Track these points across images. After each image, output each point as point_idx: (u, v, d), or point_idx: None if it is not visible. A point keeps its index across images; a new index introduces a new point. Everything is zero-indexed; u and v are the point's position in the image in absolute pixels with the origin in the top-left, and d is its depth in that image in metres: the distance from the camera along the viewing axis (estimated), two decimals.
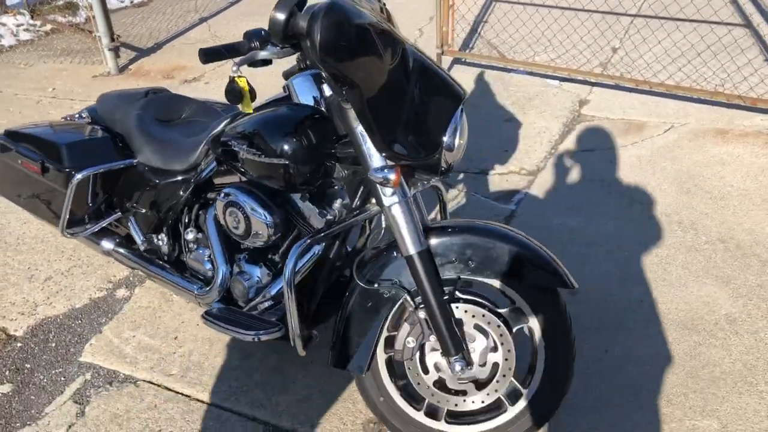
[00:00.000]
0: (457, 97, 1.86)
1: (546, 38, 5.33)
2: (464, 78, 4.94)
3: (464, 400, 2.00)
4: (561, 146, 3.93)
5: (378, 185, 1.83)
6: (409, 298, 1.91)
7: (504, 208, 3.34)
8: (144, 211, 2.52)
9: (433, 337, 1.91)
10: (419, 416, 2.04)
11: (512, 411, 2.00)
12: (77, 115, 2.73)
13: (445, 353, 1.91)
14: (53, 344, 2.64)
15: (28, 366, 2.54)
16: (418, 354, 1.99)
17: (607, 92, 4.60)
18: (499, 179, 3.62)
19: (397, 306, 1.96)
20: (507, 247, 1.88)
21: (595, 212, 3.26)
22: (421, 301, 1.88)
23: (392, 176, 1.78)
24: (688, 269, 2.83)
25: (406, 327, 1.97)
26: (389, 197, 1.85)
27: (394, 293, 1.94)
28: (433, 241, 1.90)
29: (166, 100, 2.63)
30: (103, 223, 2.61)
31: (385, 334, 2.01)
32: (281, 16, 1.61)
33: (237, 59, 1.67)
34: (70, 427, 2.26)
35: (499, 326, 1.94)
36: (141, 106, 2.55)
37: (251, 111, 1.70)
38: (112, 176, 2.57)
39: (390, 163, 1.81)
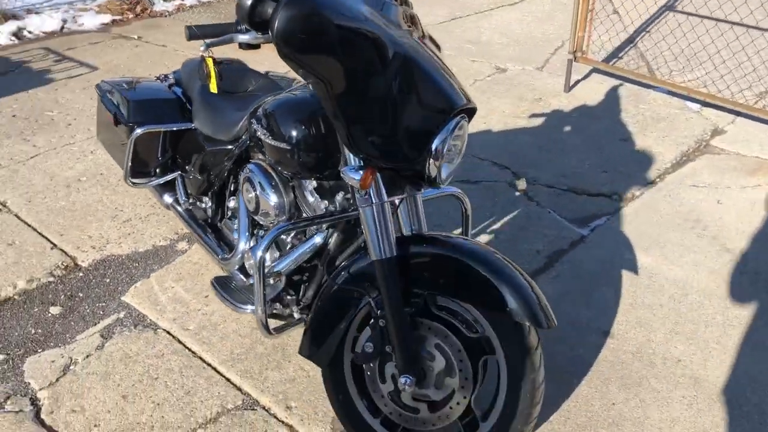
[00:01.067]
0: (452, 106, 1.76)
1: (706, 54, 4.84)
2: (595, 88, 4.65)
3: (415, 419, 1.93)
4: (669, 176, 3.58)
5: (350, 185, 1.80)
6: (372, 304, 1.87)
7: (574, 232, 3.13)
8: (195, 173, 2.68)
9: (389, 347, 1.86)
10: (375, 424, 2.00)
11: None
12: (164, 76, 2.94)
13: (397, 365, 1.86)
14: (107, 280, 2.90)
15: (81, 295, 2.82)
16: (378, 361, 1.94)
17: (752, 125, 4.11)
18: (585, 201, 3.38)
19: (362, 308, 1.93)
20: (482, 271, 1.77)
21: (675, 254, 2.95)
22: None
23: (358, 177, 1.74)
24: (751, 340, 2.49)
25: (367, 331, 1.93)
26: (362, 198, 1.81)
27: (360, 295, 1.90)
28: (408, 251, 1.84)
29: (235, 72, 2.75)
30: (161, 180, 2.80)
31: (354, 333, 1.98)
32: (248, 1, 1.62)
33: (208, 40, 1.71)
34: (87, 356, 2.48)
35: (459, 351, 1.84)
36: None
37: (215, 91, 1.74)
38: (175, 137, 2.75)
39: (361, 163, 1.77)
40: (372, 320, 1.91)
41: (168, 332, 2.58)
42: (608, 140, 3.97)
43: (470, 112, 1.88)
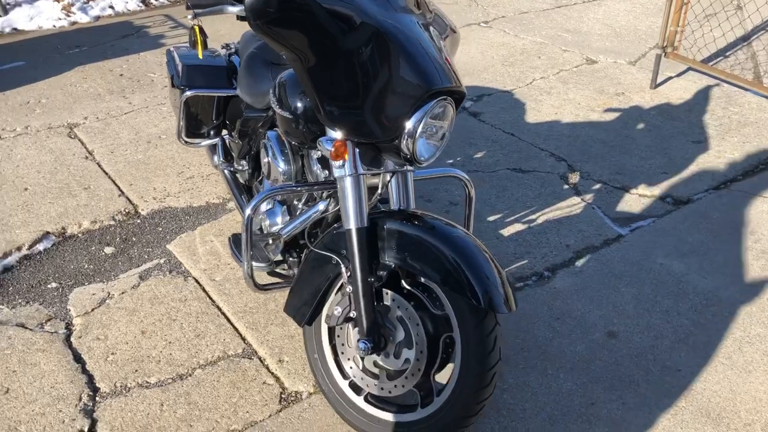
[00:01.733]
0: (429, 86, 1.80)
1: None
2: (685, 86, 4.42)
3: (375, 384, 2.01)
4: (735, 185, 3.38)
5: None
6: (344, 270, 1.97)
7: (612, 230, 3.05)
8: (236, 138, 2.87)
9: (354, 313, 1.95)
10: (344, 384, 2.10)
11: (421, 413, 1.96)
12: (227, 45, 3.15)
13: (359, 331, 1.94)
14: (159, 229, 3.17)
15: (133, 239, 3.11)
16: (349, 325, 2.04)
17: None
18: (635, 201, 3.27)
19: (338, 274, 2.02)
20: (446, 251, 1.82)
21: (712, 264, 2.81)
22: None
23: (330, 148, 1.84)
24: (765, 361, 2.36)
25: (339, 296, 2.02)
26: (337, 169, 1.90)
27: (336, 262, 2.00)
28: (382, 225, 1.92)
29: None
30: (206, 142, 3.02)
31: (331, 297, 2.09)
32: None
33: (196, 10, 1.85)
34: (122, 293, 2.75)
35: (418, 325, 1.90)
36: (259, 46, 2.86)
37: (201, 57, 1.88)
38: (225, 102, 2.96)
39: (339, 135, 1.86)
40: (343, 285, 2.01)
41: (196, 281, 2.80)
42: (680, 141, 3.79)
43: (458, 97, 1.92)
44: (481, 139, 3.89)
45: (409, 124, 1.80)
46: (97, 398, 2.26)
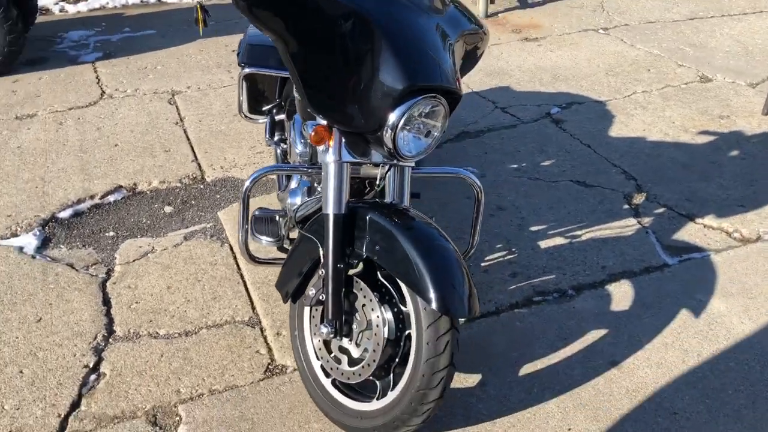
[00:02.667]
0: (413, 82, 1.79)
1: None
2: None
3: (337, 369, 2.05)
4: None
5: None
6: (321, 254, 2.01)
7: (659, 258, 2.86)
8: (284, 116, 2.99)
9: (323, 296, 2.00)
10: (317, 365, 2.15)
11: (375, 405, 1.98)
12: None
13: (323, 314, 1.99)
14: (218, 196, 3.37)
15: (192, 202, 3.33)
16: (322, 308, 2.08)
17: None
18: (697, 231, 3.04)
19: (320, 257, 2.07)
20: (414, 249, 1.82)
21: (758, 310, 2.56)
22: None
23: (311, 132, 1.89)
24: None
25: (315, 277, 2.07)
26: (322, 153, 1.95)
27: (318, 245, 2.05)
28: (361, 214, 1.94)
29: None
30: (260, 119, 3.16)
31: (313, 279, 2.14)
32: None
33: None
34: (164, 249, 2.96)
35: (378, 317, 1.92)
36: None
37: (201, 34, 1.98)
38: (282, 82, 3.08)
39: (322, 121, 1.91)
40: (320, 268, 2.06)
41: (231, 248, 2.96)
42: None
43: (452, 97, 1.90)
44: (554, 147, 3.76)
45: (392, 117, 1.82)
46: (110, 340, 2.47)
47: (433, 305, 1.76)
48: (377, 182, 2.12)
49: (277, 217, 2.42)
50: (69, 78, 4.75)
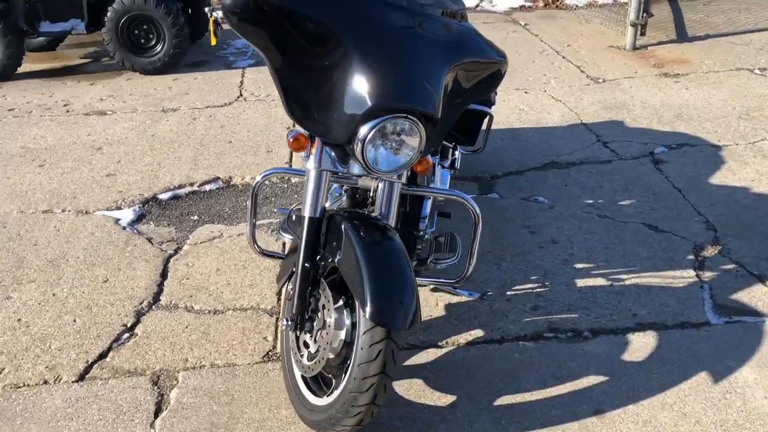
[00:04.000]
0: (386, 100, 1.89)
1: None
2: None
3: (299, 361, 2.18)
4: None
5: None
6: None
7: (702, 316, 2.65)
8: None
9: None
10: (298, 356, 2.31)
11: (323, 401, 2.09)
12: None
13: (288, 308, 2.14)
14: (296, 196, 3.65)
15: (273, 199, 3.63)
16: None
17: None
18: (762, 295, 2.76)
19: None
20: (366, 259, 1.91)
21: None
22: None
23: (290, 139, 2.06)
24: None
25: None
26: (305, 160, 2.12)
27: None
28: (336, 221, 2.08)
29: None
30: None
31: None
32: None
33: (213, 5, 2.16)
34: (229, 236, 3.28)
35: (332, 318, 2.03)
36: None
37: (214, 44, 2.20)
38: None
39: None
40: None
41: (284, 243, 3.21)
42: None
43: (429, 119, 1.98)
44: (641, 187, 3.58)
45: (361, 132, 1.94)
46: (153, 307, 2.81)
47: (367, 314, 1.84)
48: (370, 194, 2.24)
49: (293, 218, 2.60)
50: (219, 80, 5.34)
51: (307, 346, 2.18)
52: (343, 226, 2.02)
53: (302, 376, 2.23)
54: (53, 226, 3.39)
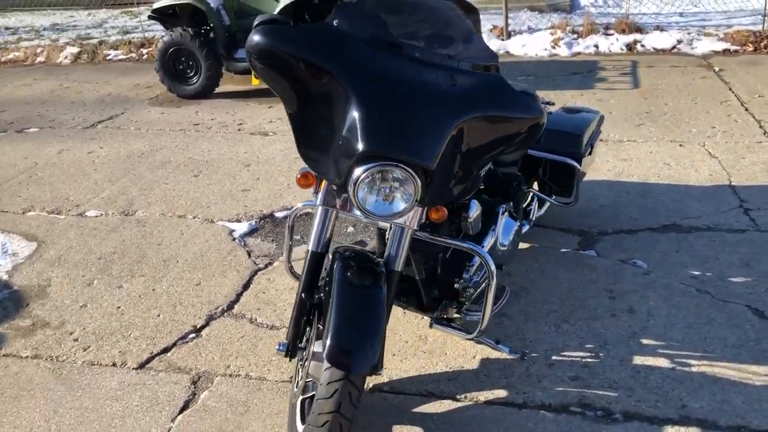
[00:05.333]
0: (370, 149, 1.95)
1: None
2: None
3: (294, 387, 2.28)
4: None
5: None
6: None
7: (764, 424, 2.28)
8: None
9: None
10: (302, 382, 2.42)
11: (301, 428, 2.17)
12: None
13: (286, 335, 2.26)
14: None
15: (372, 229, 3.77)
16: None
17: None
18: None
19: None
20: (338, 301, 1.98)
21: None
22: None
23: (299, 175, 2.18)
24: None
25: None
26: (314, 197, 2.23)
27: None
28: (334, 258, 2.17)
29: None
30: None
31: None
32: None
33: None
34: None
35: (314, 349, 2.11)
36: None
37: (256, 83, 2.36)
38: None
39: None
40: None
41: None
42: None
43: (422, 169, 1.99)
44: (766, 265, 3.15)
45: (354, 175, 2.00)
46: (224, 314, 3.10)
47: (324, 354, 1.91)
48: (388, 235, 2.29)
49: None
50: None
51: (298, 373, 2.28)
52: (335, 264, 2.10)
53: (301, 402, 2.33)
54: (180, 230, 3.85)
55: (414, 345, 2.76)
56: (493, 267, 2.27)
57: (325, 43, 2.05)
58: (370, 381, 2.57)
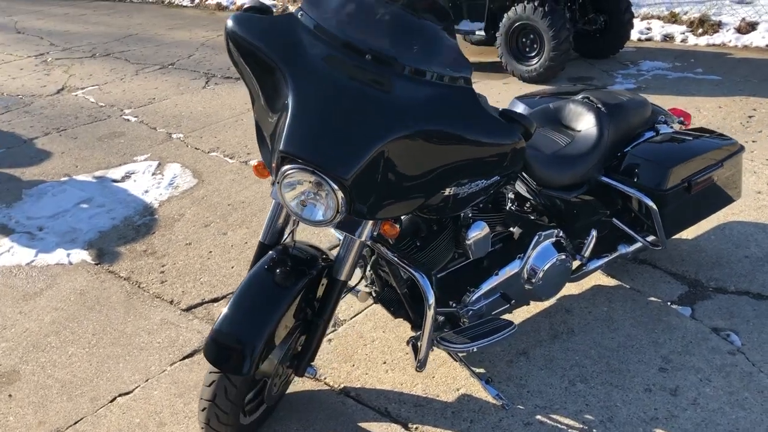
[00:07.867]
0: (287, 150, 1.87)
1: None
2: None
3: None
4: None
5: None
6: None
7: None
8: None
9: None
10: None
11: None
12: None
13: None
14: None
15: None
16: None
17: None
18: None
19: None
20: (236, 294, 2.01)
21: None
22: None
23: (254, 164, 2.19)
24: None
25: None
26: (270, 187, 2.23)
27: None
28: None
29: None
30: None
31: None
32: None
33: None
34: None
35: None
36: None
37: None
38: None
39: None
40: None
41: None
42: None
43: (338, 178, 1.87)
44: None
45: (278, 175, 1.97)
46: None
47: (204, 342, 1.96)
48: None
49: None
50: None
51: None
52: (262, 257, 2.10)
53: None
54: None
55: (409, 359, 2.62)
56: (431, 301, 2.04)
57: (280, 36, 2.00)
58: (341, 381, 2.51)
